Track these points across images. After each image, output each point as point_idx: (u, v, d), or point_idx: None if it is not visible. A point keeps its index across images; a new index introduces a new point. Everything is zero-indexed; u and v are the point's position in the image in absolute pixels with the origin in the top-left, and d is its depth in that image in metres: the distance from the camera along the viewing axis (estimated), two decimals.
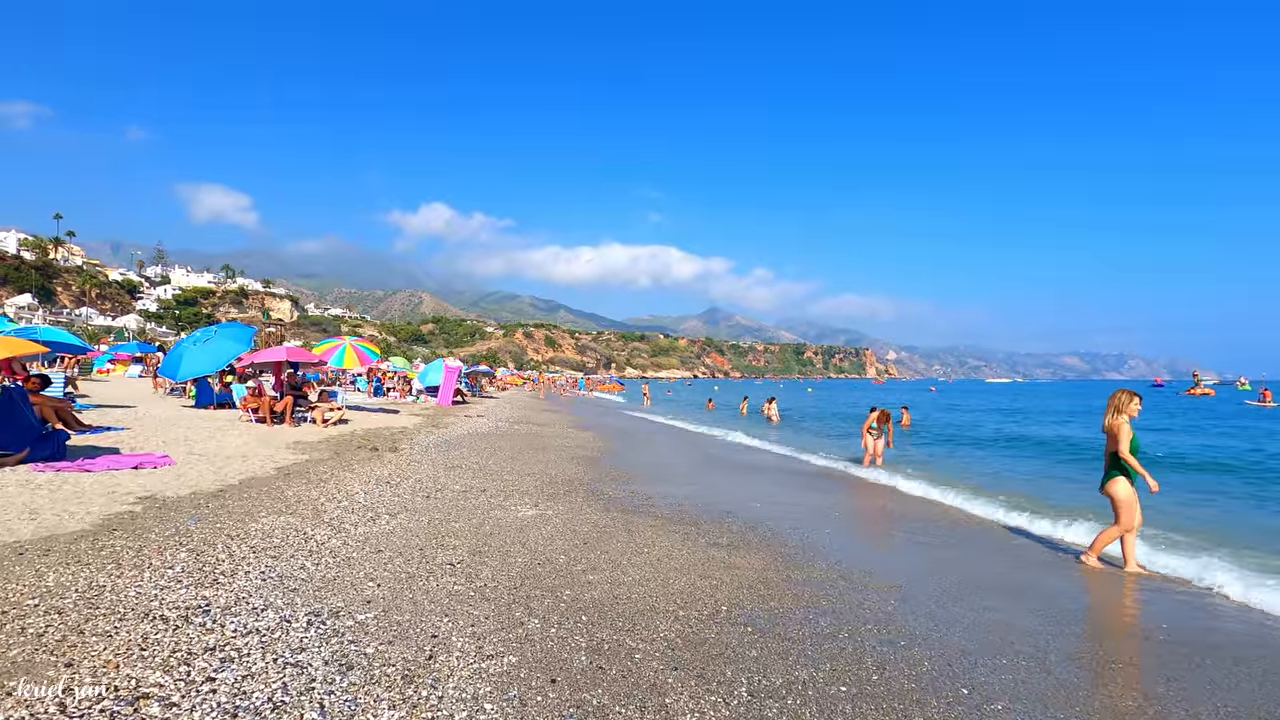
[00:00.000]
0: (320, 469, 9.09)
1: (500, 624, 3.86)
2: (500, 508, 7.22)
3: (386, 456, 10.76)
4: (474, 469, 10.04)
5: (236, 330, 18.31)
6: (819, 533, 7.14)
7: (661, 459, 13.73)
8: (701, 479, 10.85)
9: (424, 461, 10.49)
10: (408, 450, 11.76)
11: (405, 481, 8.53)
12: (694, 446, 17.23)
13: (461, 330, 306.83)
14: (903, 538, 7.37)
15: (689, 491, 9.27)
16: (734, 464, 13.73)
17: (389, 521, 6.25)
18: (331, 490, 7.60)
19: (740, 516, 7.67)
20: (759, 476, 11.97)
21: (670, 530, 6.66)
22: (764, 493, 9.82)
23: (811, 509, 8.72)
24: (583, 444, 15.02)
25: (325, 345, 19.84)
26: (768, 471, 12.82)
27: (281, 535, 5.50)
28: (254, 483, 7.76)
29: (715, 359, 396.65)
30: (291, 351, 15.42)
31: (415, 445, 12.58)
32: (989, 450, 17.91)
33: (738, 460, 14.45)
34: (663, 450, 15.80)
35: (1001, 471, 14.12)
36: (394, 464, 10.01)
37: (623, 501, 8.17)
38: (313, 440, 12.23)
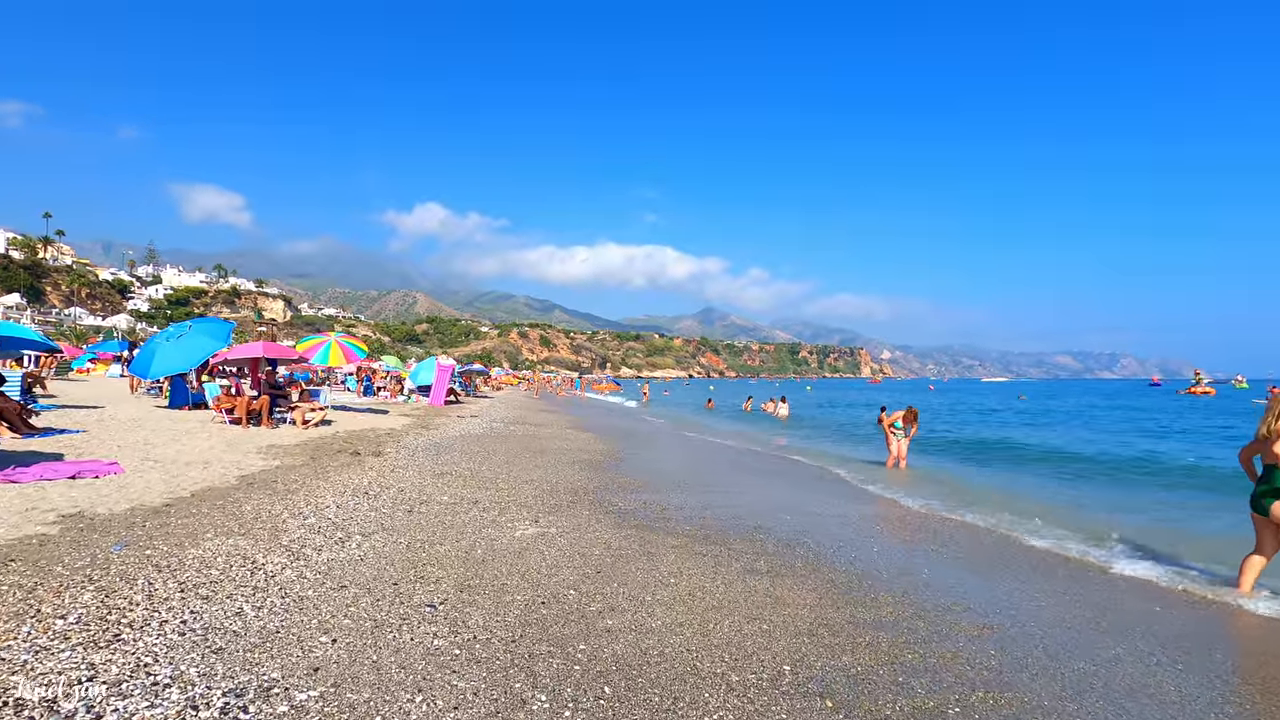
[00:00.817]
0: (291, 477, 8.02)
1: (494, 704, 2.82)
2: (494, 525, 6.17)
3: (368, 462, 9.70)
4: (465, 476, 8.98)
5: (213, 325, 17.19)
6: (867, 552, 6.12)
7: (670, 463, 12.69)
8: (718, 485, 9.81)
9: (410, 468, 9.42)
10: (393, 454, 10.69)
11: (386, 492, 7.47)
12: (703, 448, 16.23)
13: (456, 330, 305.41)
14: (960, 559, 6.35)
15: (707, 501, 8.23)
16: (750, 468, 12.72)
17: (360, 545, 5.20)
18: (299, 503, 6.54)
19: (773, 532, 6.64)
20: (780, 481, 10.96)
21: (697, 552, 5.62)
22: (791, 501, 8.79)
23: (849, 521, 7.70)
24: (583, 446, 13.98)
25: (309, 342, 18.72)
26: (788, 476, 11.81)
27: (224, 565, 4.44)
28: (209, 495, 6.69)
29: (710, 359, 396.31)
30: (269, 347, 14.33)
31: (402, 449, 11.51)
32: (1015, 457, 16.91)
33: (753, 463, 13.43)
34: (670, 453, 14.77)
35: (1040, 486, 13.04)
36: (376, 471, 8.95)
37: (635, 514, 7.12)
38: (289, 443, 11.15)
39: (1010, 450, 17.72)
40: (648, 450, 14.59)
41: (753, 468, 12.57)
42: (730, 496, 8.79)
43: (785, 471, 12.42)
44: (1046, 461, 15.45)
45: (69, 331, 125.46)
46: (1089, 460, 15.51)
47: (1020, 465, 14.86)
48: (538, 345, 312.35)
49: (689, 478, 10.40)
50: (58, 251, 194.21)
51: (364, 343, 19.53)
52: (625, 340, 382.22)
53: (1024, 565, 6.09)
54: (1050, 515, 8.40)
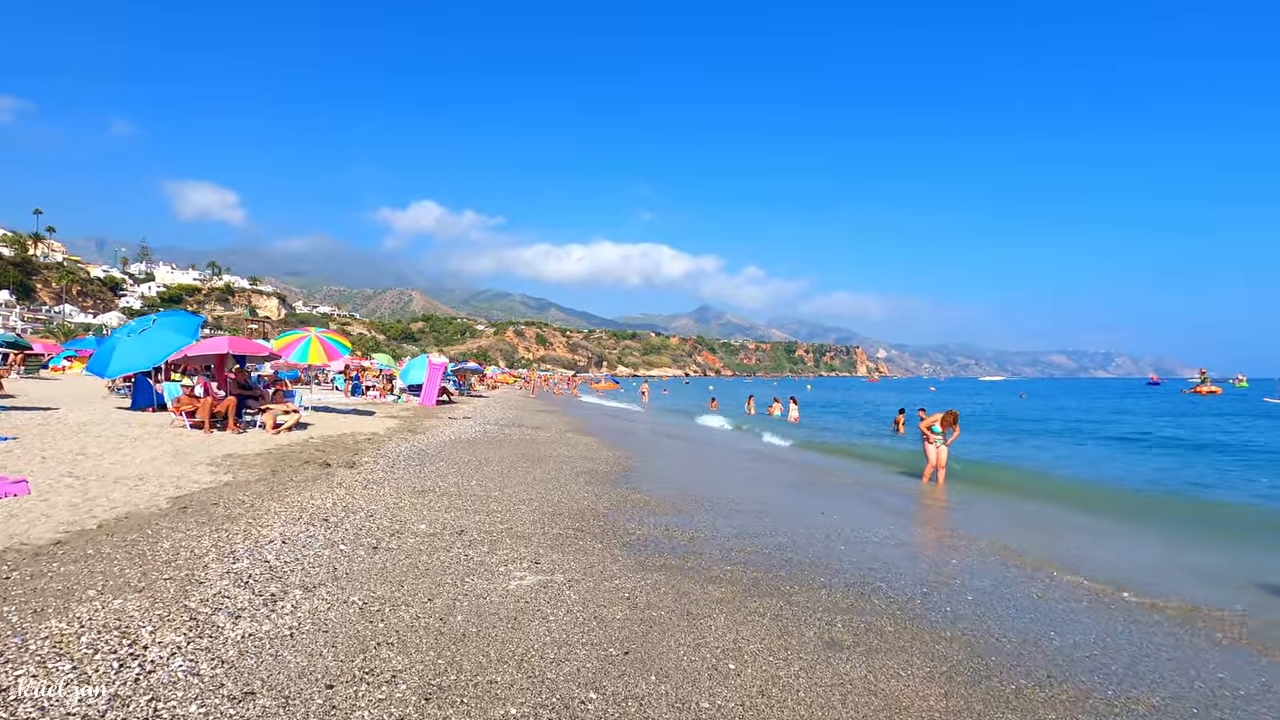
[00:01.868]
0: (238, 497, 6.61)
1: None
2: (482, 569, 4.77)
3: (339, 475, 8.29)
4: (451, 494, 7.58)
5: (180, 319, 15.73)
6: (962, 603, 4.75)
7: (686, 474, 11.31)
8: (747, 503, 8.42)
9: (386, 483, 8.02)
10: (369, 465, 9.28)
11: (351, 518, 6.07)
12: (718, 455, 14.84)
13: (452, 328, 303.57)
14: (1081, 612, 4.98)
15: (741, 526, 6.86)
16: (776, 480, 11.33)
17: (297, 607, 3.80)
18: (235, 537, 5.14)
19: (836, 572, 5.27)
20: (815, 498, 9.57)
21: (751, 610, 4.24)
22: (838, 526, 7.40)
23: (917, 554, 6.34)
24: (587, 453, 12.59)
25: (287, 338, 17.28)
26: (821, 490, 10.42)
27: (86, 648, 3.06)
28: (122, 525, 5.29)
29: (707, 357, 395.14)
30: (235, 342, 12.89)
31: (381, 457, 10.10)
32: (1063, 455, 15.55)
33: (778, 475, 12.05)
34: (683, 461, 13.38)
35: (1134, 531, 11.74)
36: (345, 487, 7.54)
37: (659, 547, 5.74)
38: (252, 451, 9.74)
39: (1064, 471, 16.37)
40: (658, 458, 13.20)
41: (779, 480, 11.18)
42: (766, 519, 7.40)
43: (816, 485, 11.04)
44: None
45: (58, 329, 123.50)
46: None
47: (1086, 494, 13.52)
48: (534, 344, 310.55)
49: (711, 492, 9.01)
50: (48, 248, 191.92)
51: (348, 339, 18.08)
52: (622, 339, 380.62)
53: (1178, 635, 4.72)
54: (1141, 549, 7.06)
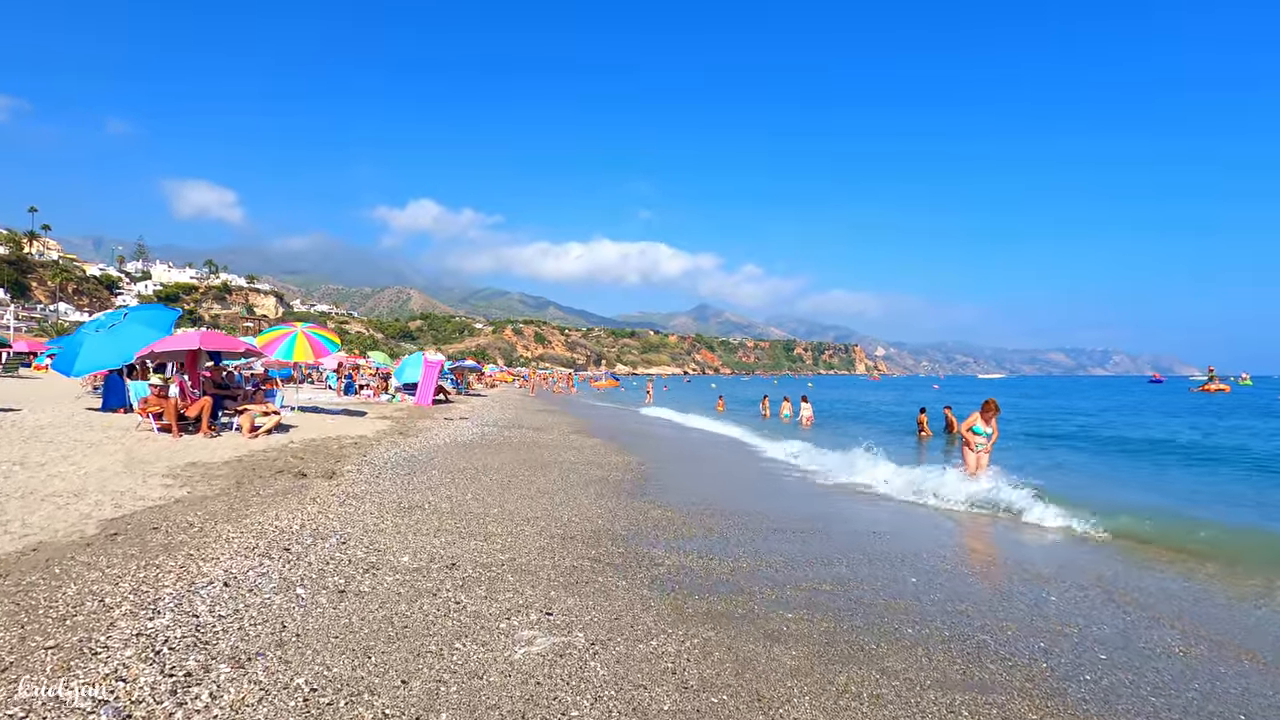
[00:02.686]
0: (187, 518, 5.52)
1: None
2: (477, 624, 3.66)
3: (315, 488, 7.19)
4: (442, 512, 6.48)
5: (153, 313, 14.62)
6: (1095, 664, 3.67)
7: (709, 481, 10.21)
8: (785, 518, 7.32)
9: (368, 497, 6.92)
10: (352, 475, 8.18)
11: (319, 545, 4.98)
12: (738, 458, 13.72)
13: (450, 327, 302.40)
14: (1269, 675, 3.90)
15: (789, 551, 5.77)
16: (807, 489, 10.24)
17: (216, 696, 2.71)
18: (166, 577, 4.05)
19: (923, 619, 4.18)
20: (858, 508, 8.47)
21: (839, 688, 3.15)
22: (899, 548, 6.30)
23: (1003, 586, 5.25)
24: (595, 457, 11.50)
25: (271, 334, 16.15)
26: (861, 500, 9.31)
27: None
28: (25, 560, 4.19)
29: (705, 355, 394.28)
30: (208, 337, 11.74)
31: (367, 465, 9.00)
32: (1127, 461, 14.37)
33: (809, 487, 10.95)
34: (702, 466, 12.28)
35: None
36: (319, 503, 6.45)
37: (697, 583, 4.66)
38: (220, 459, 8.64)
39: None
40: (677, 464, 12.07)
41: (810, 490, 10.06)
42: (812, 542, 6.30)
43: (851, 495, 9.92)
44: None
45: (51, 328, 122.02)
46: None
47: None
48: (532, 342, 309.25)
49: (741, 505, 7.92)
50: (44, 246, 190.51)
51: (337, 335, 16.96)
52: (620, 337, 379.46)
53: None
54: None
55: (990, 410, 10.26)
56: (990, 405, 10.33)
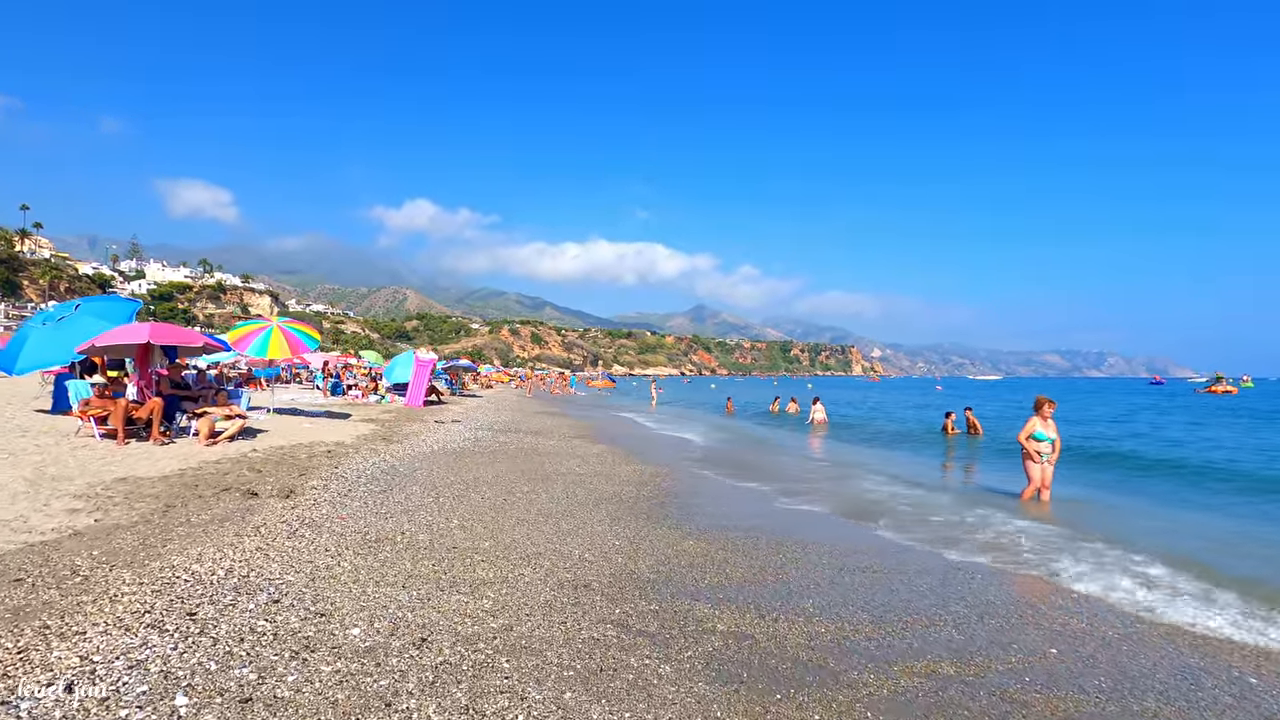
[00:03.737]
0: (80, 560, 4.13)
1: None
2: None
3: (264, 511, 5.79)
4: (418, 548, 5.08)
5: (108, 305, 13.17)
6: None
7: (740, 498, 8.78)
8: (842, 546, 5.92)
9: (328, 525, 5.52)
10: (316, 492, 6.78)
11: (237, 608, 3.57)
12: (766, 465, 12.28)
13: (446, 327, 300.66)
14: None
15: (874, 604, 4.38)
16: (852, 504, 8.85)
17: None
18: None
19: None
20: (923, 533, 7.07)
21: None
22: (1010, 595, 4.93)
23: (1182, 659, 3.88)
24: (603, 467, 10.10)
25: (244, 328, 14.69)
26: (915, 517, 7.91)
27: None
28: None
29: (702, 356, 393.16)
30: (160, 330, 10.29)
31: (336, 480, 7.59)
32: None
33: (849, 495, 9.54)
34: (735, 478, 10.84)
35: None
36: (264, 533, 5.06)
37: (772, 669, 3.26)
38: (159, 473, 7.23)
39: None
40: (698, 477, 10.63)
41: (857, 507, 8.64)
42: (897, 587, 4.91)
43: (905, 513, 8.51)
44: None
45: None
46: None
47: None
48: (529, 342, 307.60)
49: (788, 531, 6.52)
50: (36, 245, 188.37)
51: (316, 330, 15.52)
52: (617, 338, 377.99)
53: None
54: None
55: (1045, 409, 8.89)
56: (1046, 404, 8.93)
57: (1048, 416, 8.86)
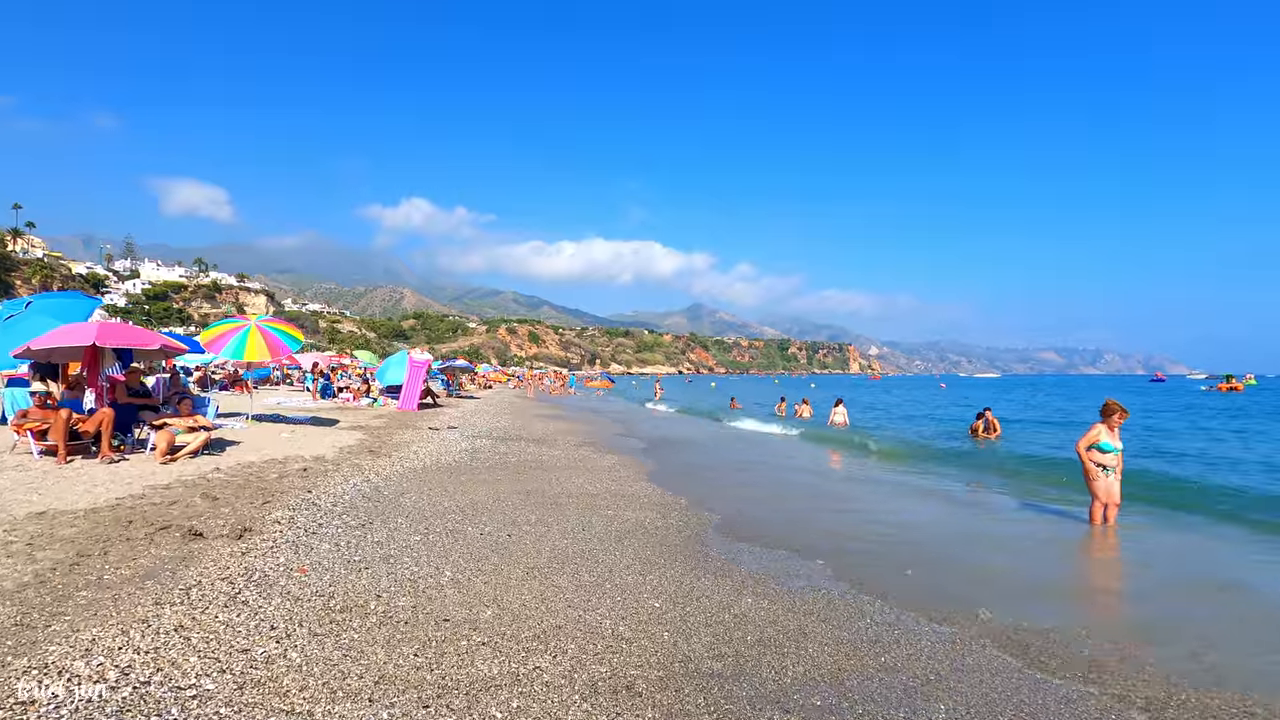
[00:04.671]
0: None
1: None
2: None
3: (205, 560, 4.54)
4: (395, 623, 3.81)
5: (63, 302, 11.89)
6: None
7: (801, 520, 7.47)
8: (954, 602, 4.69)
9: (280, 584, 4.25)
10: (279, 529, 5.52)
11: None
12: (801, 473, 10.94)
13: (444, 326, 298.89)
14: None
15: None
16: (941, 530, 7.57)
17: None
18: None
19: None
20: (1025, 563, 5.83)
21: None
22: (1188, 642, 3.70)
23: None
24: (621, 484, 8.84)
25: (219, 328, 13.38)
26: (999, 540, 6.66)
27: None
28: None
29: (700, 354, 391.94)
30: (108, 330, 8.94)
31: (306, 510, 6.32)
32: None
33: (917, 512, 8.28)
34: (767, 489, 9.54)
35: None
36: (191, 601, 3.80)
37: None
38: (90, 503, 5.96)
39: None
40: (732, 491, 9.29)
41: (946, 533, 7.36)
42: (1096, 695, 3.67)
43: (985, 536, 7.25)
44: None
45: None
46: None
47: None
48: (526, 341, 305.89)
49: (888, 576, 5.25)
50: (28, 244, 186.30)
51: (299, 329, 14.22)
52: (615, 336, 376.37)
53: None
54: None
55: (1114, 416, 7.62)
56: (1118, 412, 7.65)
57: (1116, 426, 7.65)
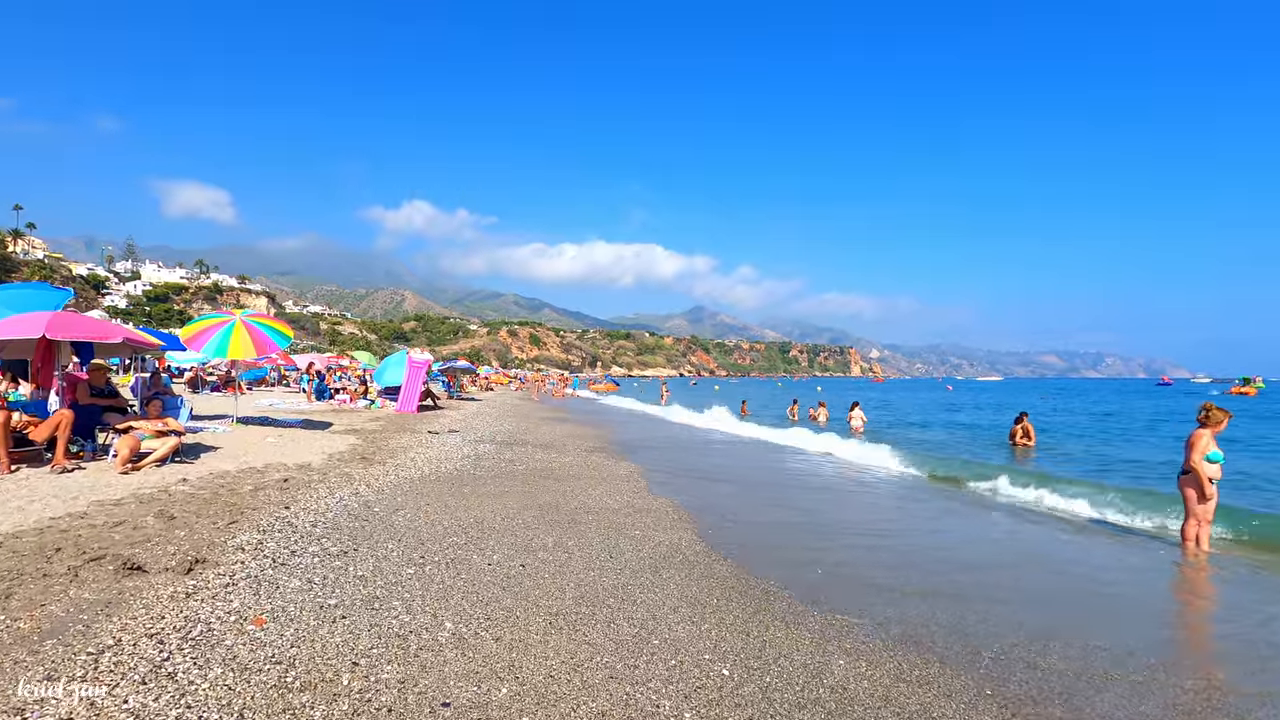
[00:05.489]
0: None
1: None
2: None
3: (141, 603, 3.51)
4: (380, 713, 2.80)
5: (29, 293, 10.84)
6: None
7: (874, 546, 6.48)
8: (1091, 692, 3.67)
9: (224, 645, 3.22)
10: (241, 557, 4.50)
11: None
12: (849, 487, 9.90)
13: (445, 328, 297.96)
14: None
15: None
16: (1041, 567, 6.55)
17: None
18: None
19: None
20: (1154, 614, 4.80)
21: None
22: None
23: None
24: (640, 500, 7.81)
25: (201, 323, 12.34)
26: (1112, 572, 5.64)
27: None
28: None
29: (701, 357, 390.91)
30: (62, 321, 7.89)
31: (278, 534, 5.30)
32: None
33: (1000, 541, 7.26)
34: (817, 509, 8.52)
35: None
36: (96, 680, 2.78)
37: None
38: (16, 526, 4.94)
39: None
40: (768, 507, 8.27)
41: (1043, 567, 6.35)
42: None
43: (1090, 583, 6.21)
44: None
45: None
46: None
47: None
48: (527, 344, 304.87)
49: (1008, 632, 4.23)
50: (29, 245, 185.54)
51: (288, 325, 13.19)
52: (616, 339, 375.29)
53: None
54: None
55: (1223, 422, 6.66)
56: (1225, 419, 6.68)
57: (1210, 426, 6.69)
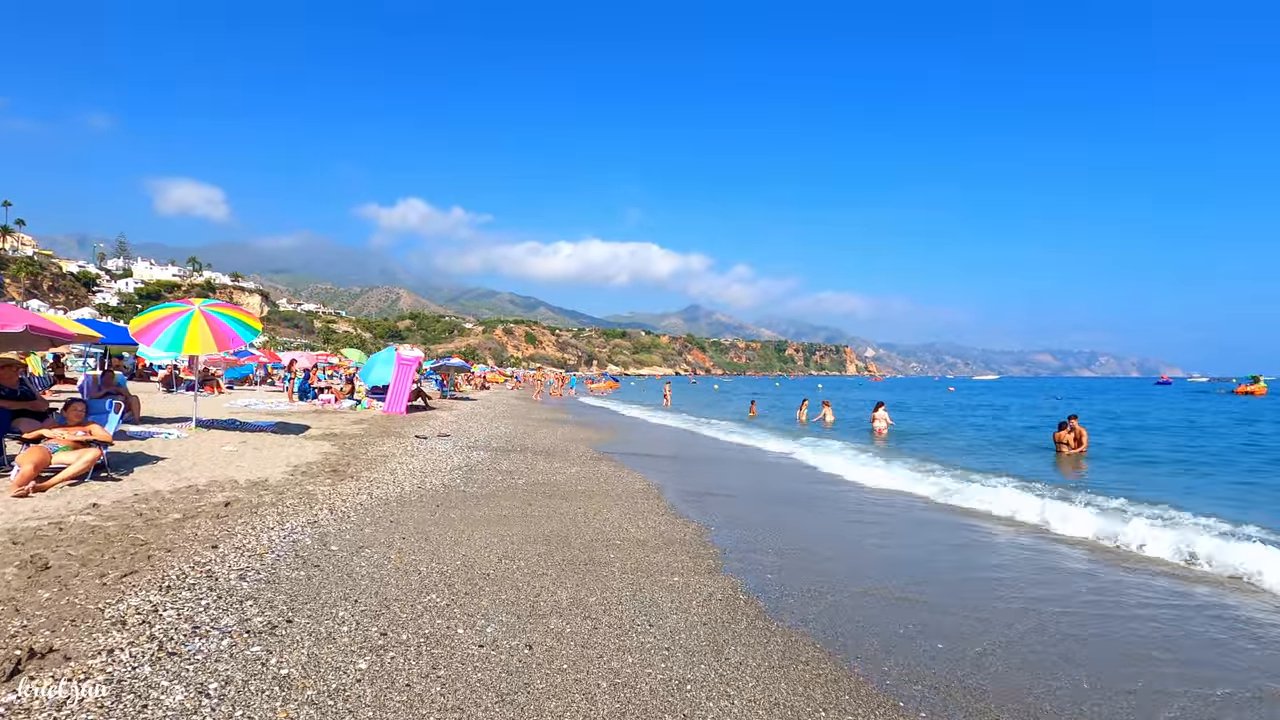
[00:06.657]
0: None
1: None
2: None
3: None
4: None
5: None
6: None
7: (951, 594, 5.05)
8: None
9: None
10: (112, 642, 3.04)
11: None
12: (889, 515, 8.43)
13: (440, 327, 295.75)
14: None
15: None
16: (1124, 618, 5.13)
17: None
18: None
19: None
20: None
21: None
22: None
23: None
24: (665, 526, 6.37)
25: (153, 314, 10.83)
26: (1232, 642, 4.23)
27: None
28: None
29: (697, 356, 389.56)
30: None
31: (181, 596, 3.83)
32: None
33: (1076, 581, 5.83)
34: (866, 541, 7.10)
35: None
36: None
37: None
38: None
39: None
40: (818, 541, 6.82)
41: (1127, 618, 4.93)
42: None
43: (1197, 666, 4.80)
44: None
45: None
46: None
47: None
48: (523, 342, 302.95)
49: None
50: (18, 242, 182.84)
51: (255, 317, 11.66)
52: (612, 338, 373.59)
53: None
54: None
55: None
56: None
57: None
